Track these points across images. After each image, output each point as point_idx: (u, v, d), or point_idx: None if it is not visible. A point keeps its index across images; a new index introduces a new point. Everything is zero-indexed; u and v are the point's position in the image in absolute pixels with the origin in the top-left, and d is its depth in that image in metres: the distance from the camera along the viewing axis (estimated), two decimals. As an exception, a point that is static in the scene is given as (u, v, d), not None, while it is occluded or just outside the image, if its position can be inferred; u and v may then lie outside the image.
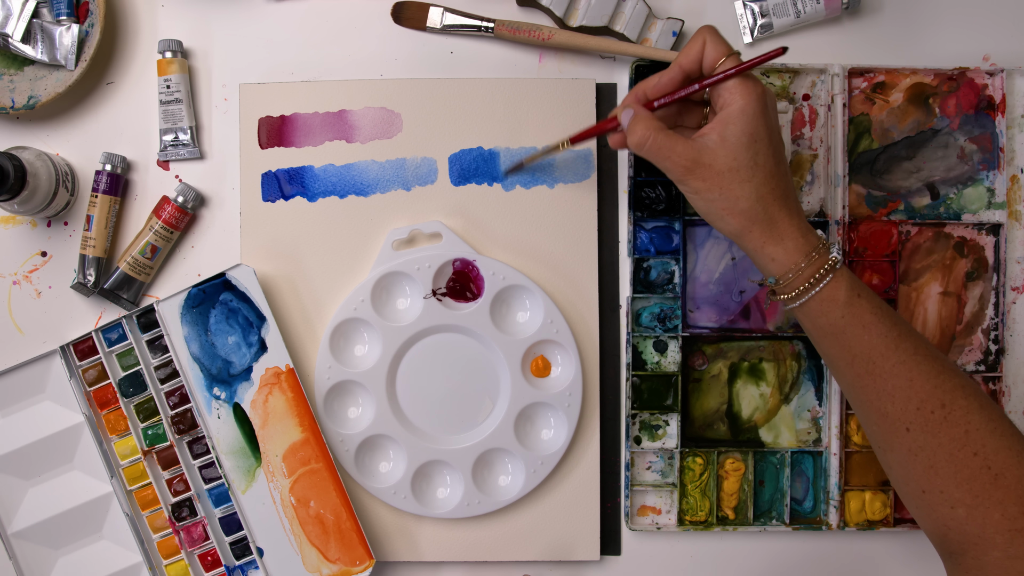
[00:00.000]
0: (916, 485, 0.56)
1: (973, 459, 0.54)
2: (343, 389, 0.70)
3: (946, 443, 0.55)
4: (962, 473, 0.54)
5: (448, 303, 0.69)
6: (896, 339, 0.56)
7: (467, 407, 0.70)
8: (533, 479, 0.69)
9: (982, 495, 0.54)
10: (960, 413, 0.55)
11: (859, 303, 0.57)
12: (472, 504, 0.69)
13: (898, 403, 0.56)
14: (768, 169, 0.56)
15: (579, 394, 0.69)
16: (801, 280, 0.57)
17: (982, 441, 0.54)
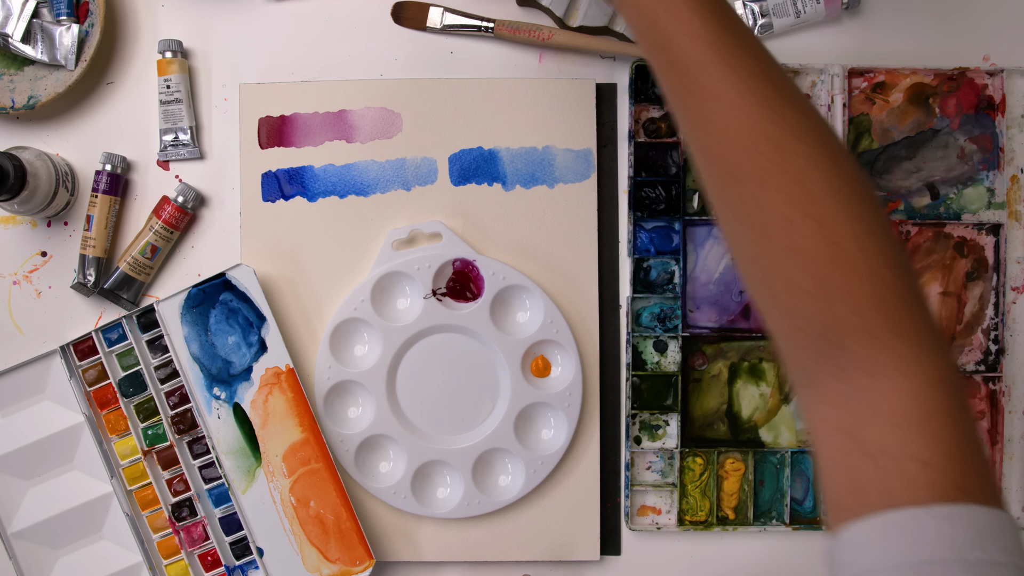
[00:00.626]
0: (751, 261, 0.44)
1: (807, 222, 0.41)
2: (343, 389, 0.70)
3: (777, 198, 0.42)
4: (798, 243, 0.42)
5: (448, 303, 0.69)
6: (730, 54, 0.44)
7: (467, 407, 0.70)
8: (533, 479, 0.69)
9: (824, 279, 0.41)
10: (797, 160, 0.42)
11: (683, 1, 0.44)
12: (472, 504, 0.69)
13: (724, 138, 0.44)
14: None
15: (579, 394, 0.69)
16: None
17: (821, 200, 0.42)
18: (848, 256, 0.41)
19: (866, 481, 0.40)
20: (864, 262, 0.41)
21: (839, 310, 0.41)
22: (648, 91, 0.70)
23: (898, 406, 0.40)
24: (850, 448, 0.41)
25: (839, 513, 0.41)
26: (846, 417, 0.41)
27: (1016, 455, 0.72)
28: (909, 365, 0.40)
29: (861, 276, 0.41)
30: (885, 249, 0.42)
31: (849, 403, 0.41)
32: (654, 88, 0.70)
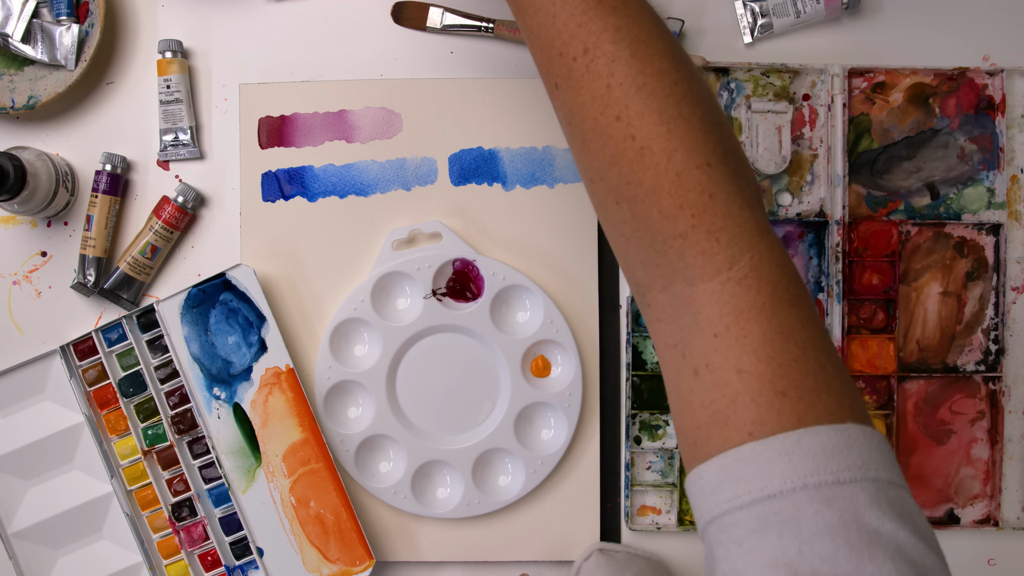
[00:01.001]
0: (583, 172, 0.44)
1: (616, 125, 0.41)
2: (343, 389, 0.70)
3: (589, 103, 0.42)
4: (608, 147, 0.41)
5: (448, 303, 0.69)
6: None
7: (467, 407, 0.70)
8: (533, 479, 0.69)
9: (633, 181, 0.41)
10: (603, 62, 0.41)
11: None
12: (472, 504, 0.69)
13: (544, 47, 0.44)
14: None
15: (579, 394, 0.69)
16: None
17: (625, 101, 0.41)
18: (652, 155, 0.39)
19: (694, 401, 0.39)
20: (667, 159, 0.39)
21: (652, 214, 0.39)
22: (648, 91, 0.70)
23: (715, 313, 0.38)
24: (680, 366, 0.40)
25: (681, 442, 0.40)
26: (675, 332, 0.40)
27: (1016, 455, 0.72)
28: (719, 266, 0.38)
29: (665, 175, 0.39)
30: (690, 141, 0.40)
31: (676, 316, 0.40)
32: (654, 88, 0.70)
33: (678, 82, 0.41)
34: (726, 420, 0.37)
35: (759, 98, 0.71)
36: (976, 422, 0.71)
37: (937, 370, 0.71)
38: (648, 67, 0.41)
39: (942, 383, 0.72)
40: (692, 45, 0.72)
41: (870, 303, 0.71)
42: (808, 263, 0.71)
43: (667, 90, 0.41)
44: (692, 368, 0.39)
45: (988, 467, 0.71)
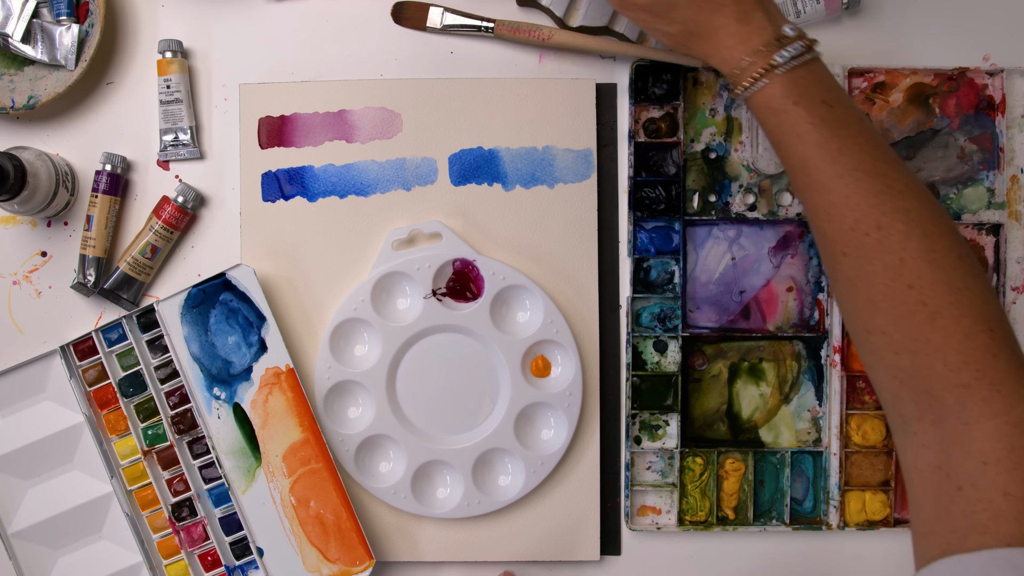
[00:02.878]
0: (861, 325, 0.51)
1: (908, 293, 0.48)
2: (343, 389, 0.70)
3: (880, 271, 0.49)
4: (898, 309, 0.48)
5: (448, 303, 0.69)
6: (835, 151, 0.52)
7: (467, 407, 0.70)
8: (533, 479, 0.69)
9: (920, 338, 0.48)
10: (897, 239, 0.49)
11: (794, 111, 0.53)
12: (472, 504, 0.69)
13: (834, 222, 0.51)
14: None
15: (579, 394, 0.69)
16: (741, 79, 0.54)
17: (918, 272, 0.48)
18: (942, 319, 0.46)
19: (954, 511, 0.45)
20: (956, 323, 0.47)
21: (935, 366, 0.46)
22: (648, 91, 0.70)
23: (988, 447, 0.45)
24: (942, 483, 0.46)
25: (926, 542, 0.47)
26: (941, 457, 0.46)
27: (1016, 455, 0.72)
28: (997, 411, 0.45)
29: (953, 335, 0.46)
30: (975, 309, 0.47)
31: (944, 445, 0.46)
32: (654, 88, 0.70)
33: (961, 257, 0.49)
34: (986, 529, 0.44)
35: (759, 98, 0.71)
36: None
37: (937, 370, 0.71)
38: (937, 244, 0.49)
39: (942, 383, 0.71)
40: (692, 45, 0.72)
41: (870, 303, 0.71)
42: (808, 263, 0.71)
43: (954, 264, 0.48)
44: (956, 485, 0.45)
45: (988, 467, 0.71)
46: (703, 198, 0.71)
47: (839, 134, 0.53)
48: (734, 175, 0.71)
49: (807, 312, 0.71)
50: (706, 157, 0.71)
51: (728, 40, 0.55)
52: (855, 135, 0.53)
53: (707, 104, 0.71)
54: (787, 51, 0.54)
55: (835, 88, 0.55)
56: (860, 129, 0.53)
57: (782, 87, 0.53)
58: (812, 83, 0.54)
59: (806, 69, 0.54)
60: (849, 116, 0.54)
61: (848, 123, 0.53)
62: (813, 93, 0.54)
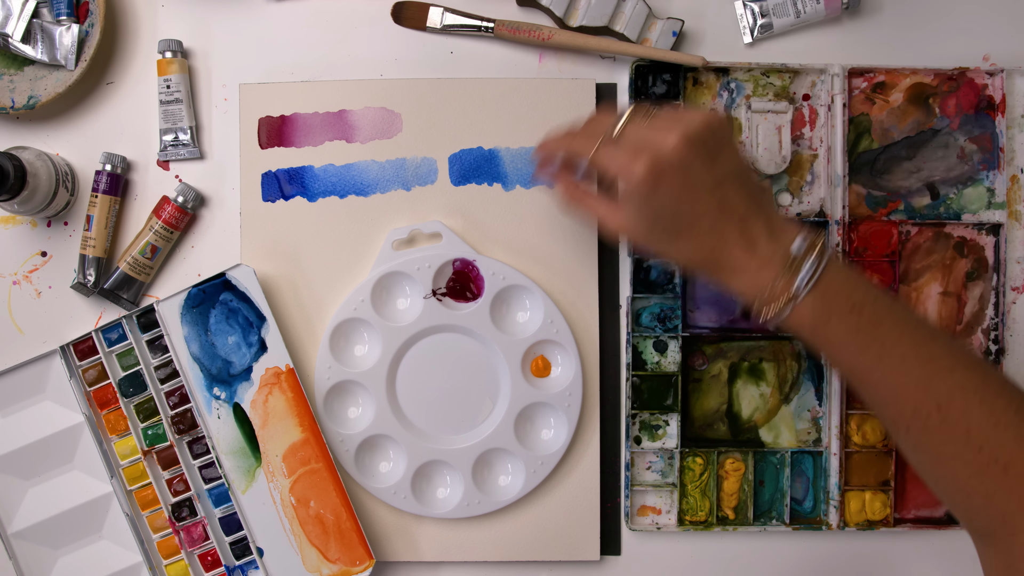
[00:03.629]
0: (929, 475, 0.55)
1: (979, 455, 0.52)
2: (343, 389, 0.70)
3: (948, 442, 0.53)
4: (970, 467, 0.52)
5: (448, 303, 0.69)
6: (878, 352, 0.54)
7: (467, 407, 0.70)
8: (533, 479, 0.69)
9: (994, 486, 0.52)
10: (958, 414, 0.53)
11: (827, 328, 0.55)
12: (472, 504, 0.69)
13: (892, 409, 0.55)
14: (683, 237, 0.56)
15: (579, 394, 0.69)
16: (767, 308, 0.56)
17: (985, 436, 0.52)
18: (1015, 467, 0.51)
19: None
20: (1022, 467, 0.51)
21: (1011, 503, 0.51)
22: (648, 91, 0.70)
23: None
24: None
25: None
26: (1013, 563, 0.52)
27: (1016, 455, 0.72)
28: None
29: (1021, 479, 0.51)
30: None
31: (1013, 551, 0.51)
32: (654, 88, 0.70)
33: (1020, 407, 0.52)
34: None
35: (759, 98, 0.71)
36: None
37: (937, 370, 0.71)
38: (996, 405, 0.52)
39: (942, 383, 0.72)
40: (692, 45, 0.72)
41: (870, 303, 0.71)
42: (808, 263, 0.71)
43: (1014, 418, 0.52)
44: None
45: (988, 467, 0.71)
46: (703, 198, 0.71)
47: (877, 335, 0.54)
48: (734, 175, 0.71)
49: (807, 312, 0.71)
50: (706, 157, 0.71)
51: (741, 275, 0.56)
52: (891, 329, 0.55)
53: (707, 104, 0.71)
54: (804, 274, 0.55)
55: (858, 284, 0.56)
56: (894, 319, 0.55)
57: (809, 310, 0.55)
58: (836, 293, 0.55)
59: (826, 280, 0.55)
60: (879, 309, 0.55)
61: (881, 319, 0.55)
62: (840, 304, 0.55)
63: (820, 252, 0.55)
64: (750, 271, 0.56)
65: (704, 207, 0.56)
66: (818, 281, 0.55)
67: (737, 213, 0.56)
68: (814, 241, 0.56)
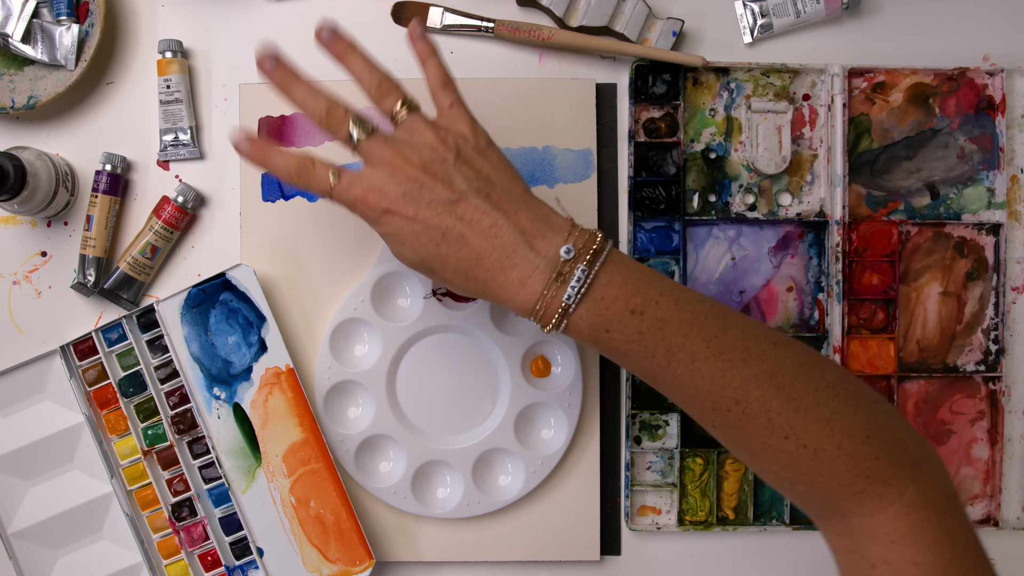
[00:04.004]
0: (752, 468, 0.54)
1: (786, 443, 0.50)
2: (343, 389, 0.70)
3: (754, 434, 0.51)
4: (783, 457, 0.51)
5: (448, 303, 0.69)
6: (665, 355, 0.51)
7: (467, 407, 0.70)
8: (533, 479, 0.69)
9: (811, 472, 0.50)
10: (757, 404, 0.51)
11: (608, 338, 0.52)
12: (472, 504, 0.69)
13: (694, 408, 0.53)
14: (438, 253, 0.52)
15: (579, 394, 0.69)
16: (545, 320, 0.52)
17: (788, 423, 0.50)
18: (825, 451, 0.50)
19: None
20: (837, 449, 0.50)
21: (830, 487, 0.50)
22: (648, 91, 0.70)
23: (892, 528, 0.49)
24: (858, 563, 0.50)
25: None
26: (852, 542, 0.51)
27: (1016, 455, 0.72)
28: (892, 500, 0.50)
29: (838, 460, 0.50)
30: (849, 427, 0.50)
31: (853, 534, 0.51)
32: (654, 88, 0.70)
33: (819, 385, 0.51)
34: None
35: (759, 98, 0.71)
36: (976, 422, 0.72)
37: (937, 370, 0.71)
38: (794, 389, 0.51)
39: (942, 383, 0.72)
40: (692, 45, 0.72)
41: (870, 303, 0.71)
42: (808, 263, 0.71)
43: (815, 399, 0.51)
44: (870, 563, 0.50)
45: (988, 467, 0.71)
46: (703, 198, 0.71)
47: (663, 337, 0.51)
48: (734, 175, 0.71)
49: (807, 312, 0.71)
50: (706, 157, 0.71)
51: (508, 291, 0.52)
52: (679, 327, 0.51)
53: (707, 104, 0.71)
54: (573, 284, 0.51)
55: (639, 285, 0.52)
56: (679, 318, 0.52)
57: (586, 321, 0.52)
58: (613, 298, 0.51)
59: (600, 285, 0.51)
60: (663, 308, 0.52)
61: (666, 319, 0.51)
62: (620, 310, 0.51)
63: (592, 256, 0.51)
64: (517, 289, 0.52)
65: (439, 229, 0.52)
66: (591, 288, 0.51)
67: (483, 225, 0.52)
68: (585, 244, 0.52)
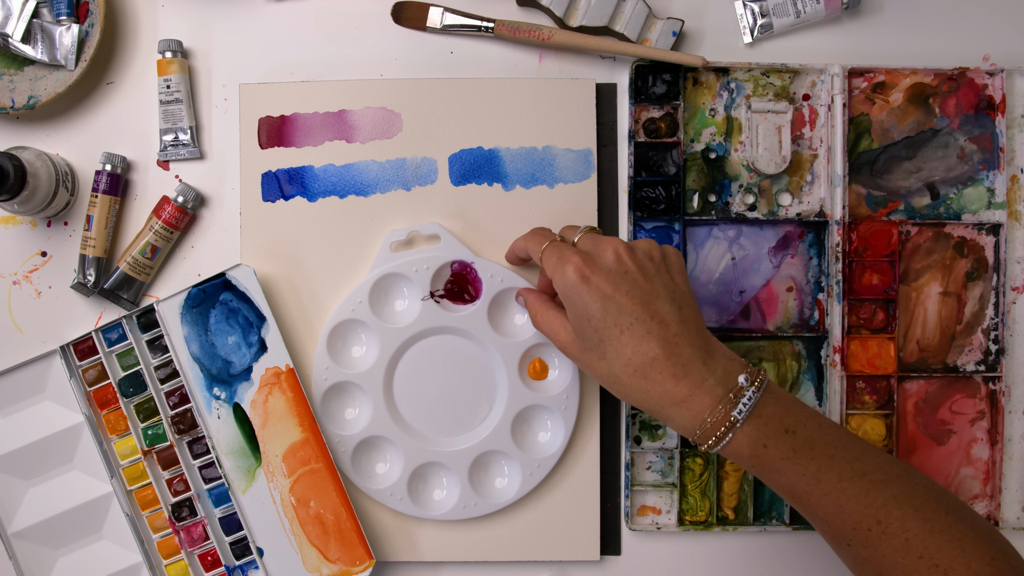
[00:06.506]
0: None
1: (919, 562, 0.54)
2: (340, 390, 0.69)
3: (889, 554, 0.54)
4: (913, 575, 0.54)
5: (446, 305, 0.69)
6: (816, 473, 0.55)
7: (464, 409, 0.70)
8: (530, 481, 0.69)
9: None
10: (897, 525, 0.54)
11: (765, 454, 0.55)
12: (468, 506, 0.69)
13: (834, 526, 0.56)
14: (619, 341, 0.55)
15: (576, 397, 0.69)
16: (703, 439, 0.55)
17: (923, 544, 0.54)
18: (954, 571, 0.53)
19: None
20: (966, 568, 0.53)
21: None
22: (648, 91, 0.70)
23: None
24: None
25: None
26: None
27: (1016, 455, 0.72)
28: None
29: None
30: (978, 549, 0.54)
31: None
32: (654, 88, 0.70)
33: (949, 509, 0.55)
34: None
35: (759, 98, 0.71)
36: (976, 422, 0.71)
37: (937, 370, 0.71)
38: (928, 511, 0.54)
39: (942, 383, 0.71)
40: (692, 45, 0.72)
41: (870, 303, 0.71)
42: (808, 263, 0.71)
43: (948, 521, 0.54)
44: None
45: (988, 467, 0.71)
46: (703, 198, 0.71)
47: (813, 457, 0.55)
48: (734, 175, 0.71)
49: (807, 312, 0.71)
50: (706, 157, 0.71)
51: (672, 401, 0.55)
52: (825, 448, 0.56)
53: (707, 104, 0.71)
54: (744, 402, 0.55)
55: (789, 408, 0.56)
56: (827, 439, 0.56)
57: (748, 437, 0.55)
58: (772, 418, 0.55)
59: (761, 406, 0.55)
60: (811, 430, 0.56)
61: (814, 440, 0.56)
62: (776, 428, 0.55)
63: (759, 382, 0.56)
64: (678, 398, 0.55)
65: (630, 317, 0.55)
66: (755, 408, 0.55)
67: (669, 330, 0.55)
68: (756, 375, 0.56)
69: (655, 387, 0.55)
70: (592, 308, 0.56)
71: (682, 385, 0.55)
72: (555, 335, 0.60)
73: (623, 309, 0.55)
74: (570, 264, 0.56)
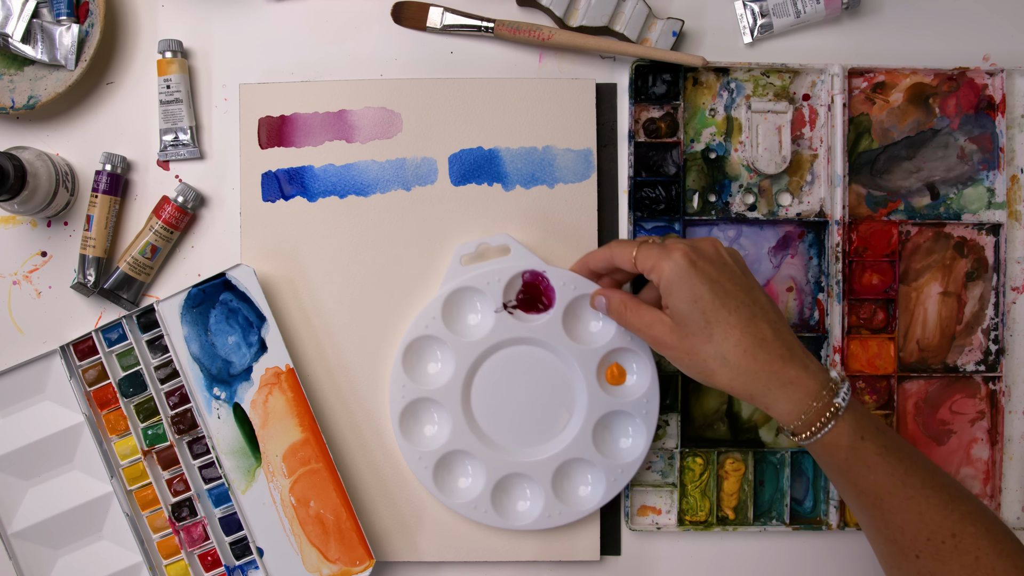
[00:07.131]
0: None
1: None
2: (418, 407, 0.68)
3: (956, 569, 0.55)
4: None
5: (520, 315, 0.68)
6: (903, 475, 0.56)
7: (544, 419, 0.69)
8: (614, 487, 0.68)
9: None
10: (970, 540, 0.55)
11: (863, 446, 0.56)
12: (553, 515, 0.68)
13: (908, 534, 0.56)
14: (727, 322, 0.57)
15: (656, 400, 0.68)
16: (805, 427, 0.57)
17: (991, 565, 0.54)
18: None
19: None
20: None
21: None
22: (648, 91, 0.70)
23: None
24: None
25: None
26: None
27: (1016, 455, 0.72)
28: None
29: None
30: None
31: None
32: (654, 88, 0.70)
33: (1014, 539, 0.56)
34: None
35: (759, 98, 0.71)
36: (976, 422, 0.72)
37: (937, 370, 0.71)
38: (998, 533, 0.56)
39: (942, 383, 0.72)
40: (692, 45, 0.72)
41: (870, 303, 0.71)
42: (808, 263, 0.71)
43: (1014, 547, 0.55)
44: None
45: (988, 467, 0.71)
46: (703, 198, 0.71)
47: (902, 458, 0.57)
48: (734, 175, 0.71)
49: (807, 312, 0.71)
50: (706, 157, 0.71)
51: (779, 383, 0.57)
52: (911, 454, 0.57)
53: (707, 104, 0.71)
54: (843, 394, 0.57)
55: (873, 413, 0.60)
56: (910, 447, 0.58)
57: (848, 426, 0.56)
58: (866, 415, 0.57)
59: (854, 403, 0.57)
60: (897, 437, 0.58)
61: (901, 444, 0.57)
62: (871, 422, 0.57)
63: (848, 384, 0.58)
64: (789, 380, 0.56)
65: (736, 300, 0.57)
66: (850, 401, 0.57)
67: (771, 315, 0.58)
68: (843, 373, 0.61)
69: (764, 367, 0.56)
70: (701, 290, 0.57)
71: (790, 366, 0.56)
72: (649, 327, 0.60)
73: (729, 293, 0.57)
74: (677, 251, 0.58)
